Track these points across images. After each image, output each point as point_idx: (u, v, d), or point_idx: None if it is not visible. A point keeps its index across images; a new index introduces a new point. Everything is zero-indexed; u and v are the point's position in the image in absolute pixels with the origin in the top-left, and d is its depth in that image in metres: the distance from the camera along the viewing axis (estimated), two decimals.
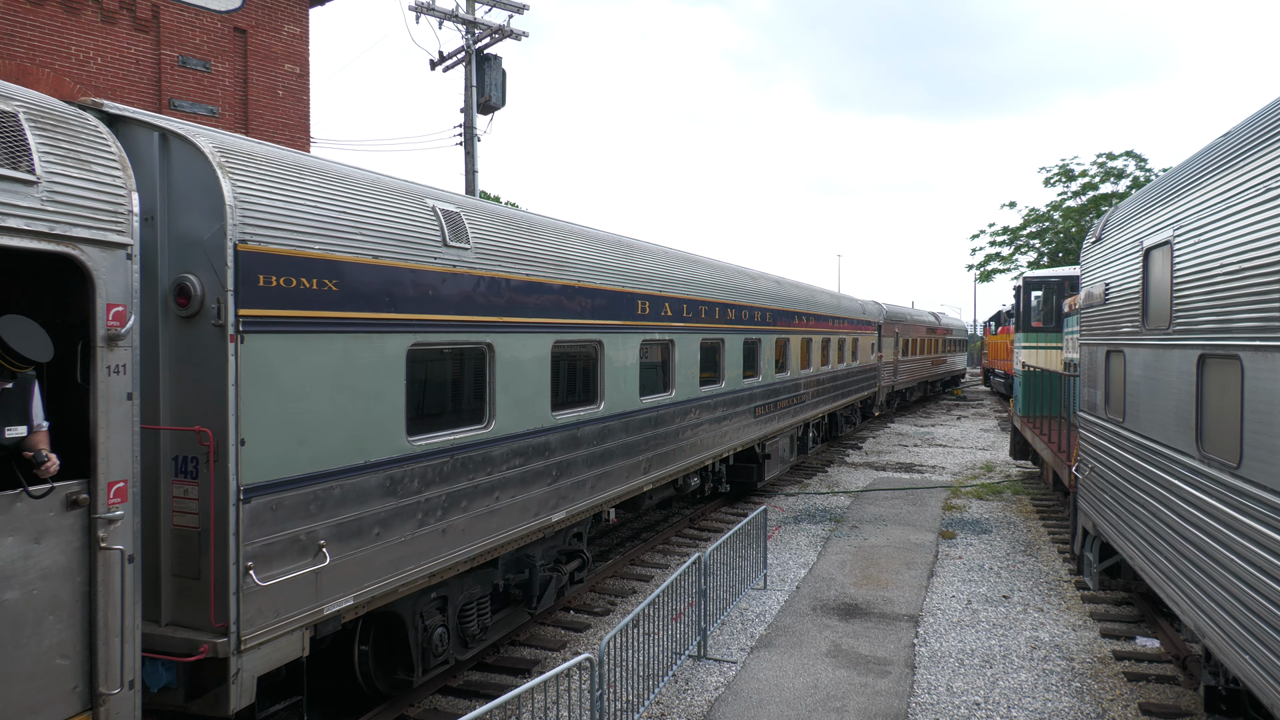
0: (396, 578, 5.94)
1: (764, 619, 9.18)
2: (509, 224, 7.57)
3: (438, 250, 6.32)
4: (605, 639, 6.17)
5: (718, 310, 12.30)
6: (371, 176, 6.22)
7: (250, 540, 4.77)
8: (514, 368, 7.25)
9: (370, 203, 5.83)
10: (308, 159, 5.76)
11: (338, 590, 5.42)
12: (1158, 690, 7.49)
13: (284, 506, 5.00)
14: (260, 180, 4.96)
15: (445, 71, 18.67)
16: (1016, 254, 45.38)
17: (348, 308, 5.44)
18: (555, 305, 7.92)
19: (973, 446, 23.95)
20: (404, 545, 5.99)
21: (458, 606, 7.06)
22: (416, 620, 6.53)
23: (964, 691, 7.43)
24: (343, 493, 5.44)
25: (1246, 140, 5.18)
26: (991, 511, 14.97)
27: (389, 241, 5.85)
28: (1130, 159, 40.00)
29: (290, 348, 5.02)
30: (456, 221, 6.66)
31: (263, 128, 14.71)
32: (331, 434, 5.34)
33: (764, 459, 15.07)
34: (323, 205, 5.37)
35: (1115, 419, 7.96)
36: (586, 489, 8.58)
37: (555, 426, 7.93)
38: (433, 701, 7.26)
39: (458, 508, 6.56)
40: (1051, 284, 21.77)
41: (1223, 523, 5.19)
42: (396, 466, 5.90)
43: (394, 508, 5.89)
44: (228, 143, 4.98)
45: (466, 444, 6.67)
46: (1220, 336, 5.30)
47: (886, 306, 28.97)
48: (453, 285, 6.45)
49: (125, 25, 13.20)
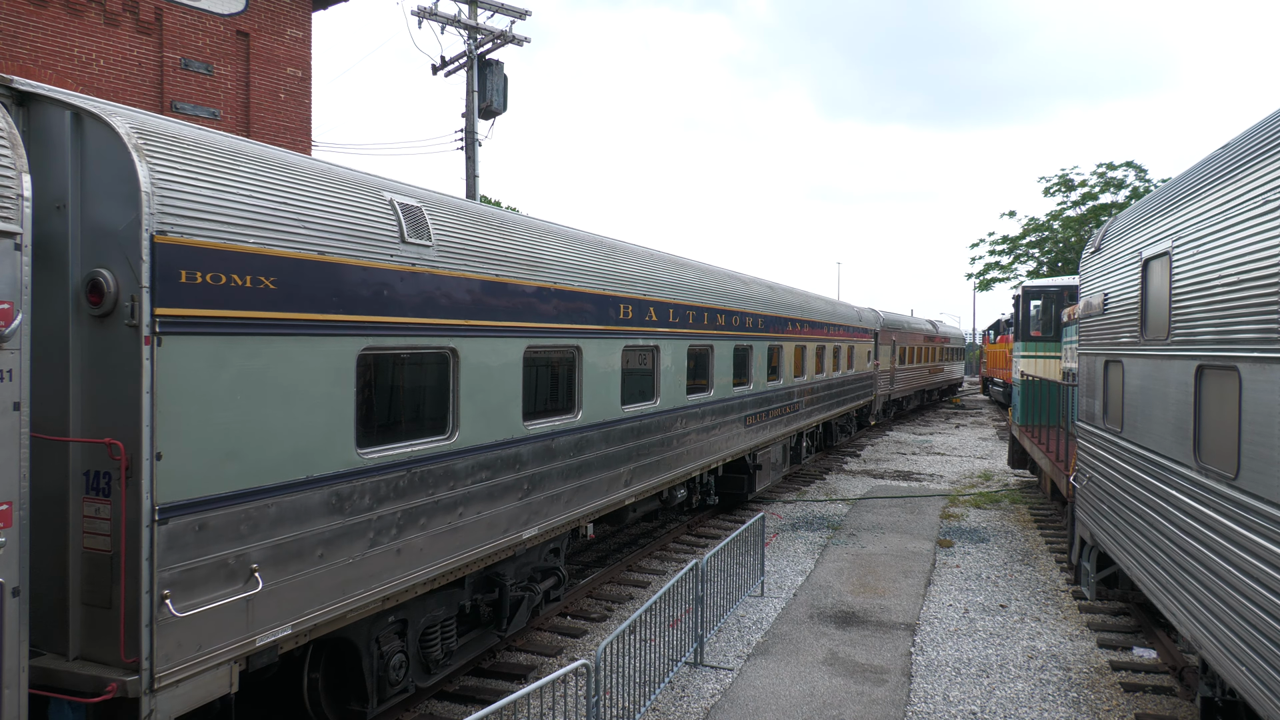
0: (344, 602, 5.46)
1: (761, 626, 9.16)
2: (477, 221, 7.12)
3: (394, 247, 5.88)
4: (602, 645, 6.15)
5: (706, 316, 11.92)
6: (320, 166, 5.75)
7: (167, 566, 4.30)
8: (481, 374, 6.81)
9: (316, 194, 5.37)
10: (246, 145, 5.24)
11: (273, 619, 4.94)
12: (1154, 701, 7.48)
13: (209, 527, 4.54)
14: (185, 165, 4.51)
15: (447, 76, 18.72)
16: (1016, 263, 45.50)
17: (288, 308, 4.98)
18: (528, 308, 7.47)
19: (971, 455, 23.95)
20: (353, 567, 5.52)
21: (419, 630, 6.65)
22: (372, 646, 6.15)
23: (960, 700, 7.41)
24: (280, 511, 4.96)
25: (1246, 152, 5.19)
26: (989, 520, 14.96)
27: (337, 236, 5.38)
28: (1130, 169, 40.12)
29: (218, 351, 4.57)
30: (416, 217, 6.23)
31: (264, 131, 14.74)
32: (268, 447, 4.87)
33: (755, 470, 14.72)
34: (260, 195, 4.90)
35: (1113, 429, 7.97)
36: (562, 503, 8.13)
37: (527, 437, 7.47)
38: (428, 706, 7.24)
39: (415, 525, 6.09)
40: (1050, 293, 21.82)
41: (1220, 534, 5.19)
42: (345, 481, 5.43)
43: (341, 526, 5.41)
44: (149, 123, 4.51)
45: (426, 456, 6.19)
46: (1219, 348, 5.30)
47: (883, 314, 28.80)
48: (411, 285, 6.00)
49: (128, 28, 13.24)
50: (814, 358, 18.43)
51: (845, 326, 21.75)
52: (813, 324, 18.23)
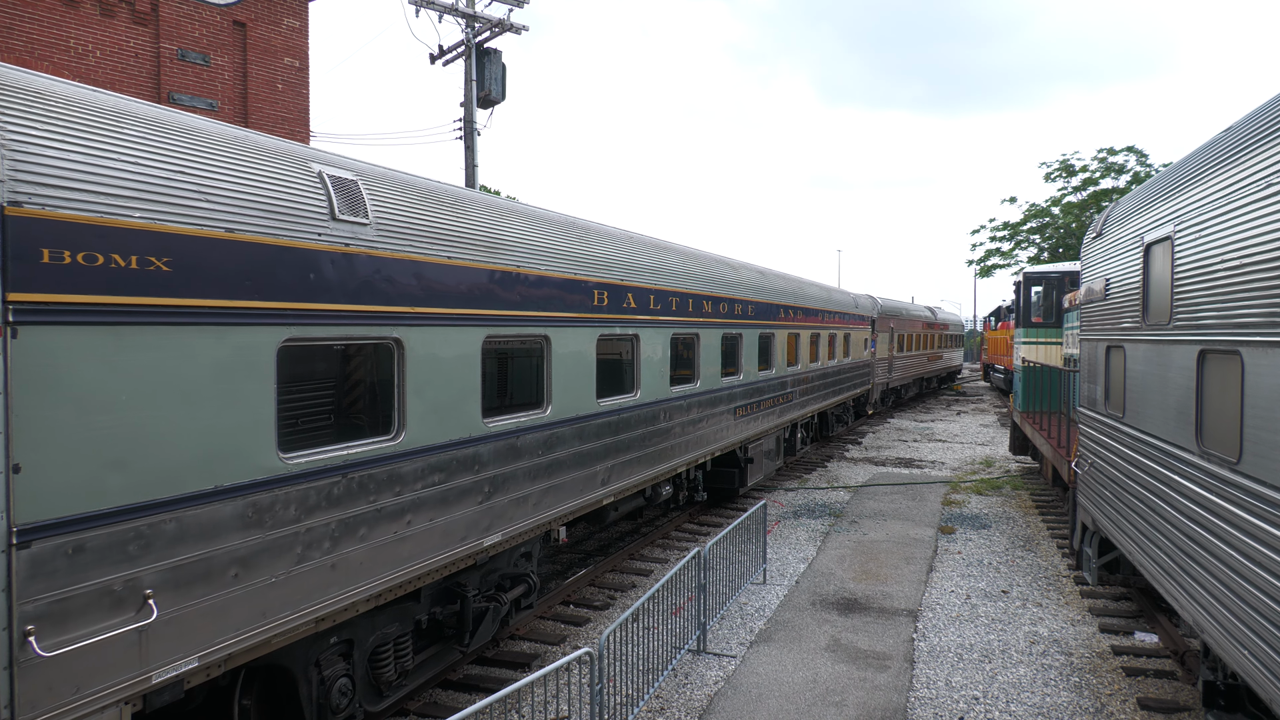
0: (266, 627, 4.84)
1: (763, 614, 9.19)
2: (426, 198, 6.47)
3: (323, 225, 5.23)
4: (605, 633, 6.18)
5: (691, 302, 11.29)
6: (234, 133, 5.05)
7: (31, 597, 3.69)
8: (431, 367, 6.17)
9: (225, 163, 4.71)
10: (136, 105, 4.50)
11: (174, 651, 4.31)
12: (1156, 685, 7.51)
13: (87, 550, 3.91)
14: (48, 125, 3.90)
15: (445, 66, 18.63)
16: (1017, 249, 45.42)
17: (187, 293, 4.35)
18: (487, 294, 6.83)
19: (972, 442, 23.97)
20: (276, 587, 4.89)
21: (367, 651, 6.10)
22: (310, 671, 5.56)
23: (963, 686, 7.44)
24: (181, 527, 4.33)
25: (1249, 136, 5.17)
26: (991, 507, 14.99)
27: (251, 211, 4.74)
28: (1131, 154, 39.99)
29: (96, 344, 3.95)
30: (350, 191, 5.59)
31: (262, 121, 14.69)
32: (165, 454, 4.25)
33: (746, 463, 14.22)
34: (150, 162, 4.25)
35: (1115, 414, 7.97)
36: (530, 505, 7.52)
37: (487, 436, 6.84)
38: (432, 695, 7.28)
39: (354, 537, 5.48)
40: (1052, 279, 21.77)
41: (1222, 518, 5.19)
42: (264, 491, 4.80)
43: (261, 542, 4.78)
44: (4, 76, 3.92)
45: (366, 460, 5.57)
46: (1221, 332, 5.29)
47: (881, 300, 28.37)
48: (345, 268, 5.37)
49: (124, 18, 13.16)
50: (808, 346, 18.01)
51: (841, 313, 21.35)
52: (807, 311, 17.79)
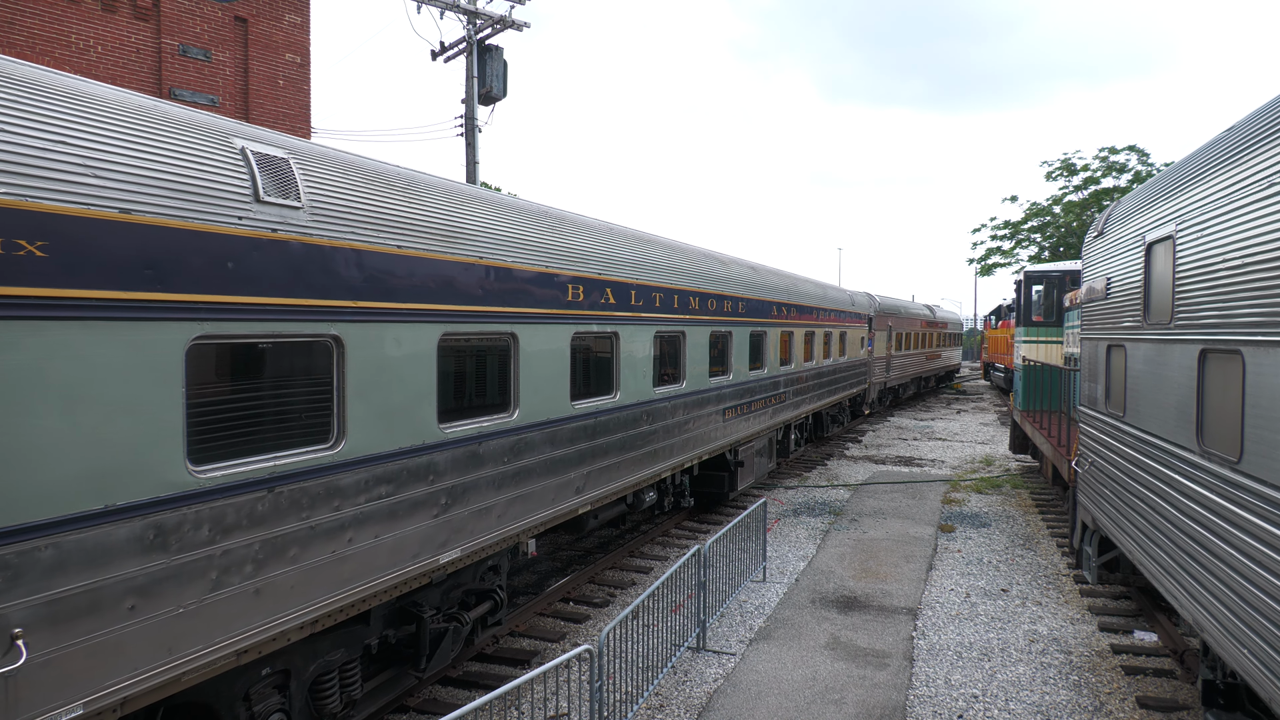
0: (175, 663, 4.24)
1: (763, 611, 9.20)
2: (372, 180, 5.82)
3: (245, 207, 4.63)
4: (605, 630, 6.19)
5: (677, 298, 10.71)
6: (136, 101, 4.43)
7: None
8: (377, 368, 5.61)
9: (119, 133, 4.11)
10: (6, 63, 3.91)
11: (53, 697, 3.72)
12: (1155, 684, 7.52)
13: None
14: None
15: (446, 62, 18.61)
16: (1017, 248, 45.38)
17: (70, 283, 3.77)
18: (445, 288, 6.25)
19: (972, 440, 23.98)
20: (185, 618, 4.28)
21: (306, 681, 5.55)
22: (238, 707, 5.04)
23: (962, 684, 7.45)
24: (60, 555, 3.70)
25: (1251, 135, 5.16)
26: (991, 505, 15.00)
27: (152, 190, 4.13)
28: (1133, 153, 39.95)
29: None
30: (280, 170, 4.96)
31: (263, 117, 14.68)
32: (39, 469, 3.64)
33: (736, 466, 13.66)
34: (17, 129, 3.65)
35: (1116, 413, 7.97)
36: (493, 517, 6.92)
37: (444, 442, 6.27)
38: (432, 692, 7.29)
39: (283, 558, 4.86)
40: (1052, 278, 21.77)
41: (1223, 517, 5.20)
42: (169, 509, 4.18)
43: (165, 568, 4.17)
44: None
45: (298, 471, 4.96)
46: (1222, 331, 5.29)
47: (879, 298, 27.93)
48: (271, 256, 4.78)
49: (126, 13, 13.15)
50: (802, 344, 17.46)
51: (837, 311, 20.88)
52: (801, 308, 17.21)
